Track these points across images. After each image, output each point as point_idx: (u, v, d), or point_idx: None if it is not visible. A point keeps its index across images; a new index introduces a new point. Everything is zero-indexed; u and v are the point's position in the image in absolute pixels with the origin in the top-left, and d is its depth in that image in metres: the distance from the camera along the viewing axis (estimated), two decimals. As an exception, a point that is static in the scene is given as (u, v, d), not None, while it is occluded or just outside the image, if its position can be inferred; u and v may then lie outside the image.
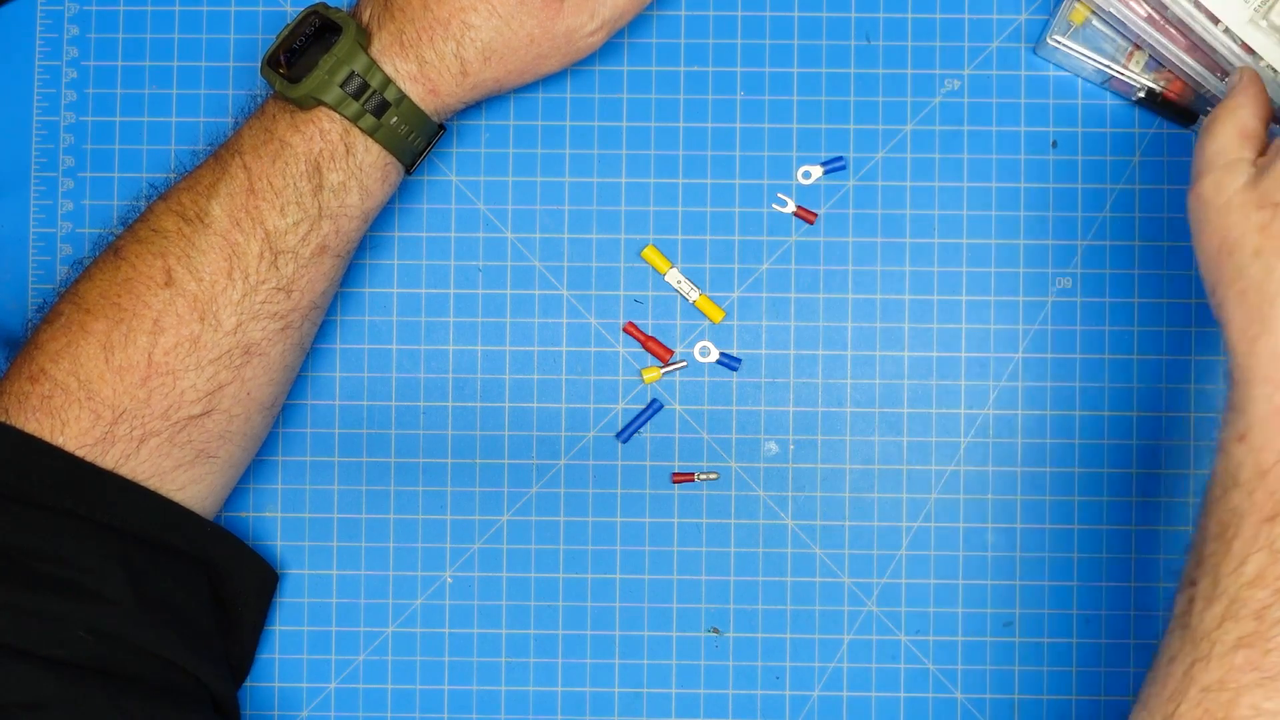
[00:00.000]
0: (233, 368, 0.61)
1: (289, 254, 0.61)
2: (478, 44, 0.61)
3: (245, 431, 0.63)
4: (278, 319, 0.61)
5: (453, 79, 0.62)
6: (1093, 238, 0.69)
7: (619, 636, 0.70)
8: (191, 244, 0.60)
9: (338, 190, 0.61)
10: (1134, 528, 0.69)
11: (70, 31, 0.71)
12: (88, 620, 0.57)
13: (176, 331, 0.59)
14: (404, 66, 0.61)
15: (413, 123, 0.62)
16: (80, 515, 0.58)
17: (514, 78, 0.63)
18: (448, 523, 0.70)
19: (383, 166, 0.62)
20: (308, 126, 0.60)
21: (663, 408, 0.70)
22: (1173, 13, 0.64)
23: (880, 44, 0.70)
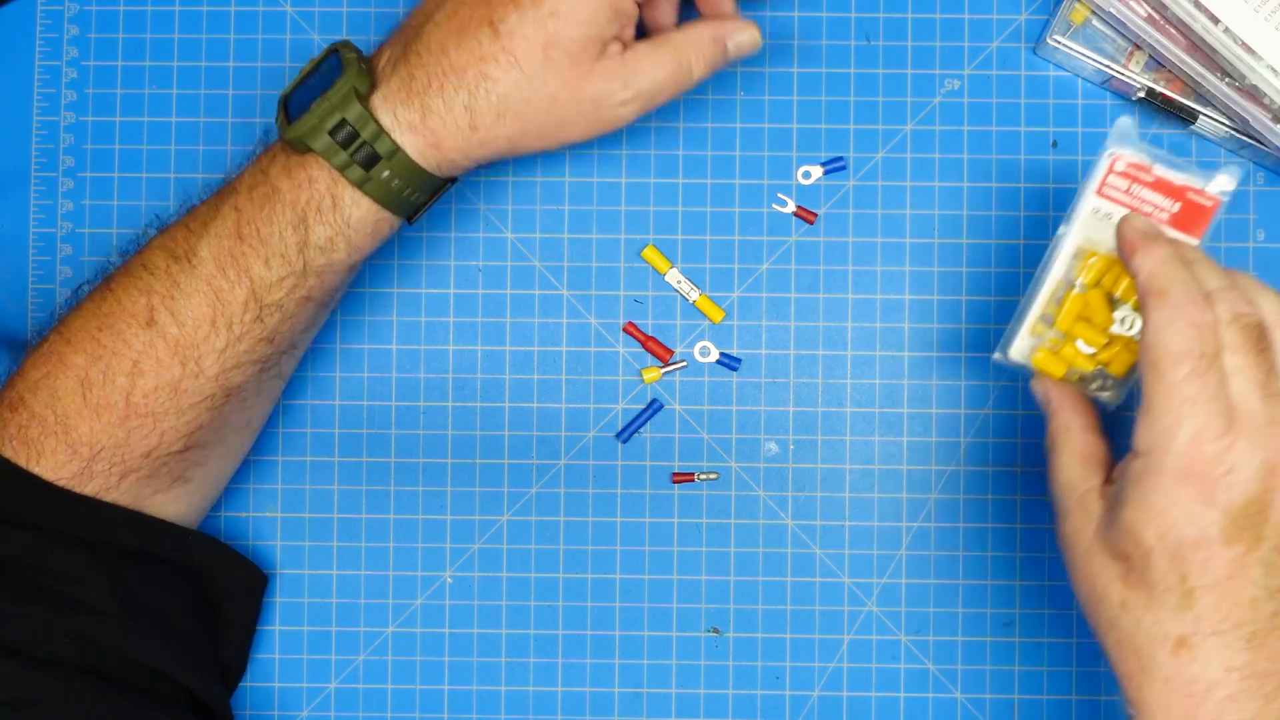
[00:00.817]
0: (213, 410, 0.60)
1: (274, 307, 0.59)
2: (492, 97, 0.57)
3: (222, 453, 0.63)
4: (259, 364, 0.60)
5: (459, 133, 0.57)
6: (1093, 238, 0.69)
7: (619, 636, 0.70)
8: (176, 285, 0.58)
9: (324, 248, 0.58)
10: (1134, 528, 0.69)
11: (70, 31, 0.71)
12: (74, 628, 0.57)
13: (156, 375, 0.58)
14: (405, 115, 0.57)
15: (407, 177, 0.58)
16: (62, 532, 0.58)
17: (531, 140, 0.59)
18: (448, 523, 0.70)
19: (373, 222, 0.59)
20: (298, 172, 0.58)
21: (663, 408, 0.70)
22: (1173, 13, 0.64)
23: (880, 44, 0.70)
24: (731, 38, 0.61)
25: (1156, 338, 0.51)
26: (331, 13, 0.70)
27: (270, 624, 0.70)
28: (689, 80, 0.60)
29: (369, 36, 0.70)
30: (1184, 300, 0.51)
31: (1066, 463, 0.56)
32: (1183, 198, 0.58)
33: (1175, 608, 0.50)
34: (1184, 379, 0.50)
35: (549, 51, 0.57)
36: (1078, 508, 0.55)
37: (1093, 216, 0.58)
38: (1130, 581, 0.51)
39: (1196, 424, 0.49)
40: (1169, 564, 0.50)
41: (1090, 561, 0.53)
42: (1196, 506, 0.49)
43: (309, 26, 0.70)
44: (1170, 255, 0.53)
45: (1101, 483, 0.55)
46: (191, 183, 0.70)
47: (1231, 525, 0.49)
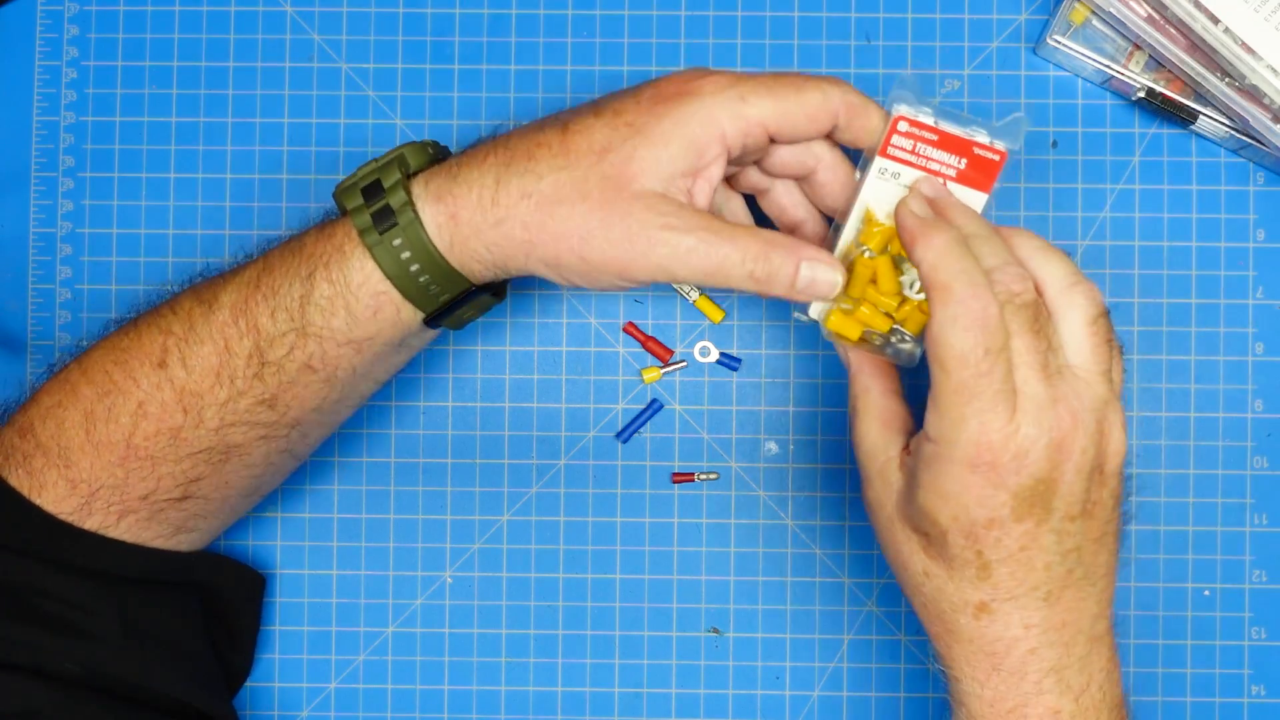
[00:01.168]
0: (212, 464, 0.58)
1: (274, 366, 0.56)
2: (526, 177, 0.54)
3: (224, 512, 0.62)
4: (261, 427, 0.58)
5: (479, 206, 0.54)
6: (1092, 237, 0.69)
7: (619, 636, 0.70)
8: (193, 329, 0.57)
9: (323, 307, 0.55)
10: (1133, 528, 0.69)
11: (70, 31, 0.71)
12: (78, 655, 0.57)
13: (159, 420, 0.57)
14: (436, 184, 0.55)
15: (418, 250, 0.54)
16: (65, 561, 0.58)
17: (546, 242, 0.54)
18: (448, 522, 0.70)
19: (374, 294, 0.55)
20: (327, 229, 0.57)
21: (663, 408, 0.70)
22: (1173, 12, 0.64)
23: (880, 44, 0.70)
24: (810, 265, 0.54)
25: (942, 336, 0.50)
26: (331, 13, 0.70)
27: (270, 624, 0.70)
28: (722, 274, 0.54)
29: (369, 36, 0.70)
30: (967, 295, 0.50)
31: (867, 429, 0.57)
32: (969, 153, 0.56)
33: (974, 579, 0.52)
34: (970, 378, 0.50)
35: (605, 155, 0.54)
36: (878, 477, 0.56)
37: (880, 178, 0.57)
38: (931, 554, 0.53)
39: (982, 417, 0.50)
40: (965, 542, 0.52)
41: (893, 531, 0.55)
42: (987, 491, 0.50)
43: (309, 27, 0.70)
44: (949, 243, 0.51)
45: (901, 449, 0.56)
46: (191, 183, 0.70)
47: (1021, 504, 0.51)
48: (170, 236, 0.70)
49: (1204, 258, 0.69)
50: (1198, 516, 0.69)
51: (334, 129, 0.70)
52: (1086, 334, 0.53)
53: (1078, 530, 0.52)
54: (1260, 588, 0.69)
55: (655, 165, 0.54)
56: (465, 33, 0.70)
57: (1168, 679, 0.69)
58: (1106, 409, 0.53)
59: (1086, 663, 0.54)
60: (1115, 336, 0.54)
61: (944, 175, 0.56)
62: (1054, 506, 0.51)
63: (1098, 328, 0.53)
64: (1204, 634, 0.69)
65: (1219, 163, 0.69)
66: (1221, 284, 0.69)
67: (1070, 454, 0.51)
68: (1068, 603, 0.53)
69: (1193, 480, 0.69)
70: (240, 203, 0.70)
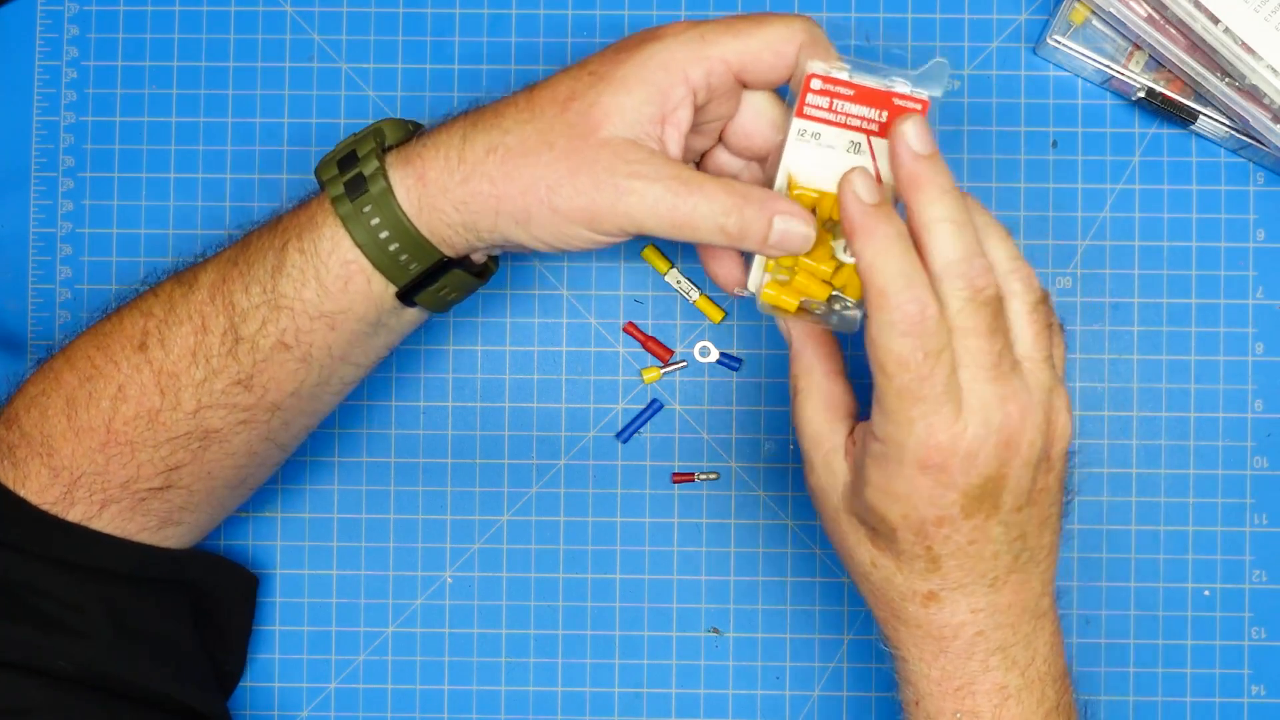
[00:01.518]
0: (190, 450, 0.57)
1: (248, 343, 0.56)
2: (493, 133, 0.53)
3: (210, 504, 0.61)
4: (239, 410, 0.57)
5: (446, 166, 0.53)
6: (1092, 238, 0.69)
7: (619, 636, 0.70)
8: (173, 309, 0.57)
9: (294, 278, 0.55)
10: (1134, 528, 0.69)
11: (70, 31, 0.71)
12: (68, 652, 0.57)
13: (138, 402, 0.56)
14: (407, 151, 0.54)
15: (387, 218, 0.54)
16: (54, 557, 0.58)
17: (514, 196, 0.53)
18: (448, 522, 0.70)
19: (343, 263, 0.54)
20: (303, 203, 0.56)
21: (663, 408, 0.70)
22: (1173, 12, 0.64)
23: (880, 44, 0.70)
24: (784, 219, 0.52)
25: (880, 340, 0.49)
26: (331, 13, 0.70)
27: (270, 624, 0.70)
28: (691, 226, 0.52)
29: (368, 36, 0.70)
30: (905, 299, 0.48)
31: (811, 414, 0.55)
32: (889, 105, 0.53)
33: (923, 572, 0.52)
34: (912, 381, 0.49)
35: (570, 103, 0.53)
36: (822, 465, 0.55)
37: (800, 140, 0.53)
38: (879, 546, 0.53)
39: (928, 420, 0.49)
40: (914, 538, 0.51)
41: (839, 522, 0.55)
42: (937, 491, 0.50)
43: (308, 26, 0.70)
44: (889, 239, 0.49)
45: (846, 436, 0.55)
46: (191, 182, 0.70)
47: (971, 502, 0.50)
48: (170, 236, 0.70)
49: (1204, 258, 0.69)
50: (1198, 516, 0.69)
51: (334, 129, 0.70)
52: (1028, 322, 0.52)
53: (1024, 518, 0.52)
54: (1260, 588, 0.69)
55: (620, 111, 0.52)
56: (465, 33, 0.70)
57: (1168, 679, 0.69)
58: (1052, 397, 0.52)
59: (1031, 639, 0.54)
60: (1054, 316, 0.54)
61: (865, 130, 0.53)
62: (1002, 501, 0.51)
63: (1038, 314, 0.52)
64: (1204, 634, 0.69)
65: (1219, 163, 0.69)
66: (1221, 284, 0.69)
67: (1019, 449, 0.51)
68: (1013, 585, 0.53)
69: (1193, 480, 0.69)
70: (240, 203, 0.70)
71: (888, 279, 0.49)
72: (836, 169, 0.53)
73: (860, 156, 0.53)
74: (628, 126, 0.52)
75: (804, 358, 0.56)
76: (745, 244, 0.52)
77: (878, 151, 0.54)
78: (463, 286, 0.58)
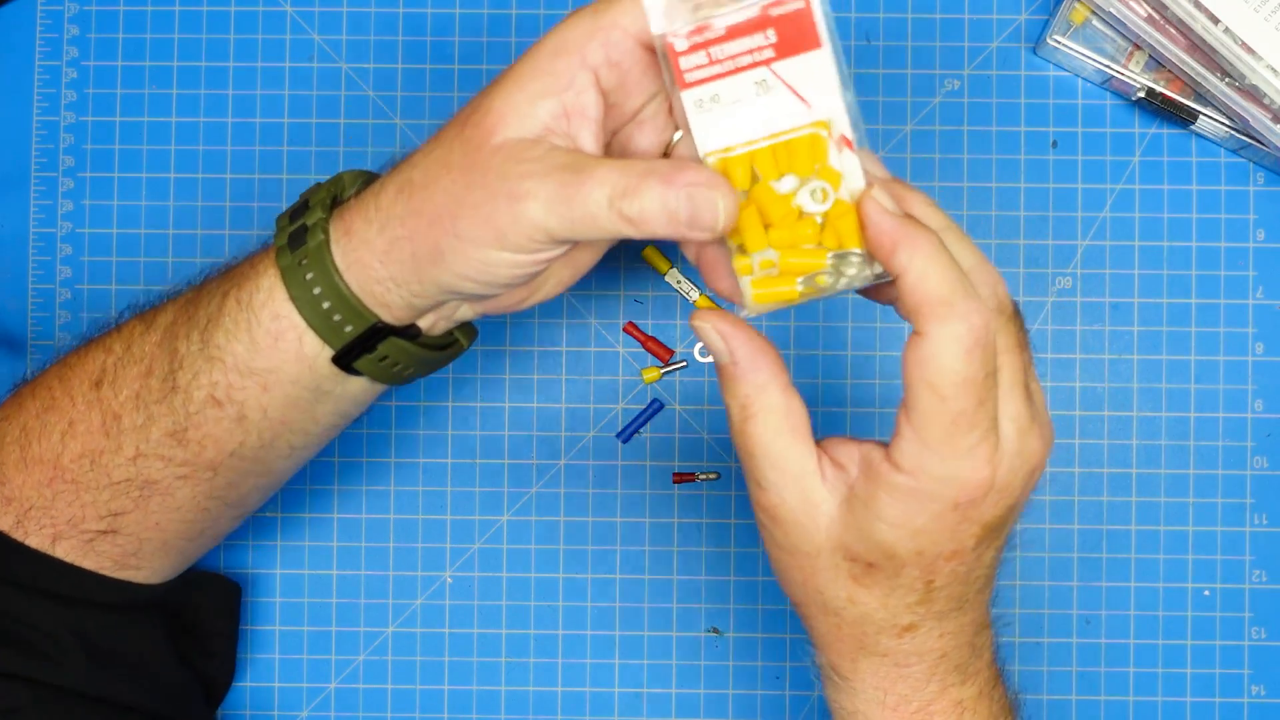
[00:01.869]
0: (131, 498, 0.55)
1: (182, 393, 0.53)
2: (403, 171, 0.49)
3: (167, 553, 0.58)
4: (175, 464, 0.54)
5: (364, 214, 0.49)
6: (1092, 238, 0.69)
7: (619, 636, 0.70)
8: (129, 349, 0.54)
9: (228, 329, 0.51)
10: (1133, 527, 0.69)
11: (70, 31, 0.71)
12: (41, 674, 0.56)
13: (85, 441, 0.54)
14: (345, 203, 0.51)
15: (320, 274, 0.50)
16: (24, 584, 0.56)
17: (424, 230, 0.48)
18: (448, 522, 0.70)
19: (274, 316, 0.51)
20: (256, 252, 0.54)
21: (663, 408, 0.70)
22: (1173, 13, 0.64)
23: (880, 44, 0.70)
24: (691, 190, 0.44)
25: (940, 359, 0.43)
26: (332, 13, 0.70)
27: (270, 624, 0.70)
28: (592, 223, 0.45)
29: (369, 37, 0.70)
30: (970, 309, 0.43)
31: (772, 437, 0.48)
32: (769, 21, 0.45)
33: (911, 605, 0.48)
34: (969, 407, 0.43)
35: (468, 116, 0.48)
36: (796, 497, 0.47)
37: (700, 112, 0.46)
38: (864, 582, 0.48)
39: (975, 454, 0.44)
40: (919, 573, 0.47)
41: (815, 558, 0.48)
42: (962, 526, 0.46)
43: (309, 27, 0.70)
44: (934, 245, 0.44)
45: (817, 459, 0.47)
46: (191, 183, 0.70)
47: (987, 534, 0.47)
48: (170, 236, 0.70)
49: (1204, 258, 0.69)
50: (1198, 516, 0.69)
51: (334, 129, 0.70)
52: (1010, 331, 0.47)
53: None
54: (1260, 588, 0.69)
55: (513, 110, 0.46)
56: (465, 33, 0.70)
57: (1168, 679, 0.69)
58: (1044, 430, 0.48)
59: (979, 648, 0.51)
60: None
61: (762, 62, 0.45)
62: (1008, 527, 0.48)
63: (1017, 324, 0.47)
64: (1204, 634, 0.69)
65: (1219, 163, 0.69)
66: (1221, 284, 0.69)
67: (1040, 476, 0.47)
68: (976, 603, 0.50)
69: (1193, 480, 0.69)
70: (240, 203, 0.70)
71: (949, 288, 0.43)
72: (756, 118, 0.46)
73: (773, 94, 0.46)
74: (524, 126, 0.46)
75: (754, 374, 0.48)
76: (652, 228, 0.45)
77: (787, 77, 0.46)
78: (414, 360, 0.53)
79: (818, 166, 0.46)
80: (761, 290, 0.47)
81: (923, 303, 0.43)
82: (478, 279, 0.48)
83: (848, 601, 0.48)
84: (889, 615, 0.48)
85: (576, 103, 0.47)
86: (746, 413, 0.48)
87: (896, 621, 0.48)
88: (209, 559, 0.69)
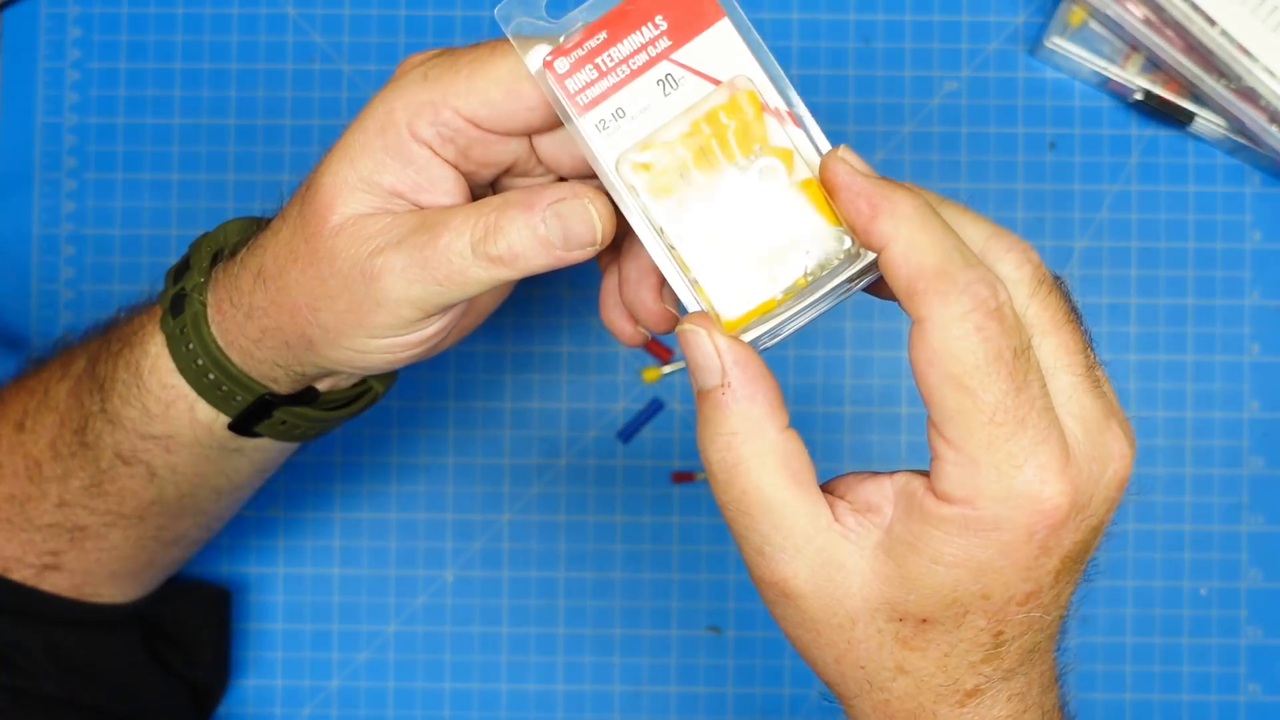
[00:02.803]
0: (65, 539, 0.53)
1: (91, 450, 0.50)
2: (256, 252, 0.45)
3: (117, 582, 0.56)
4: (100, 514, 0.52)
5: (230, 294, 0.46)
6: (1090, 239, 0.69)
7: (619, 635, 0.70)
8: (46, 395, 0.52)
9: (121, 394, 0.49)
10: (1131, 527, 0.69)
11: (74, 33, 0.71)
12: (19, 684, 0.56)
13: (12, 484, 0.53)
14: (223, 267, 0.47)
15: (198, 341, 0.46)
16: None
17: (288, 323, 0.44)
18: (449, 521, 0.70)
19: (163, 385, 0.48)
20: (151, 305, 0.51)
21: (663, 407, 0.70)
22: (1170, 14, 0.64)
23: (879, 46, 0.70)
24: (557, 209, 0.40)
25: (948, 344, 0.36)
26: (333, 15, 0.71)
27: (273, 622, 0.70)
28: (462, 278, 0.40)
29: (371, 38, 0.71)
30: (972, 277, 0.35)
31: (770, 490, 0.38)
32: (655, 7, 0.39)
33: (976, 664, 0.39)
34: (1005, 396, 0.35)
35: (304, 193, 0.43)
36: (817, 567, 0.38)
37: (604, 134, 0.39)
38: (915, 645, 0.38)
39: (1038, 458, 0.36)
40: (987, 622, 0.38)
41: (850, 629, 0.39)
42: (1040, 559, 0.37)
43: (311, 29, 0.71)
44: (920, 208, 0.36)
45: (829, 510, 0.39)
46: (194, 184, 0.70)
47: (1067, 565, 0.38)
48: (173, 238, 0.71)
49: (1200, 259, 0.69)
50: (1194, 515, 0.69)
51: (336, 131, 0.70)
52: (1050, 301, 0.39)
53: None
54: (1256, 587, 0.69)
55: (345, 188, 0.42)
56: (467, 36, 0.71)
57: (1164, 677, 0.69)
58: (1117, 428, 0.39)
59: (1046, 710, 0.41)
60: None
61: (662, 55, 0.40)
62: (1089, 554, 0.39)
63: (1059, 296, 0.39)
64: (1200, 632, 0.69)
65: (1216, 164, 0.69)
66: (1217, 285, 0.69)
67: (1125, 486, 0.38)
68: (1044, 653, 0.41)
69: (1189, 480, 0.69)
70: (243, 204, 0.71)
71: (943, 255, 0.35)
72: (671, 119, 0.40)
73: (681, 87, 0.40)
74: (360, 202, 0.42)
75: (751, 404, 0.39)
76: (527, 264, 0.40)
77: (694, 63, 0.40)
78: (316, 422, 0.49)
79: (757, 147, 0.40)
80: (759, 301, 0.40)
81: (916, 277, 0.36)
82: (363, 365, 0.44)
83: (896, 671, 0.39)
84: (949, 679, 0.39)
85: (417, 180, 0.42)
86: (736, 457, 0.38)
87: (959, 686, 0.39)
88: (207, 562, 0.69)
